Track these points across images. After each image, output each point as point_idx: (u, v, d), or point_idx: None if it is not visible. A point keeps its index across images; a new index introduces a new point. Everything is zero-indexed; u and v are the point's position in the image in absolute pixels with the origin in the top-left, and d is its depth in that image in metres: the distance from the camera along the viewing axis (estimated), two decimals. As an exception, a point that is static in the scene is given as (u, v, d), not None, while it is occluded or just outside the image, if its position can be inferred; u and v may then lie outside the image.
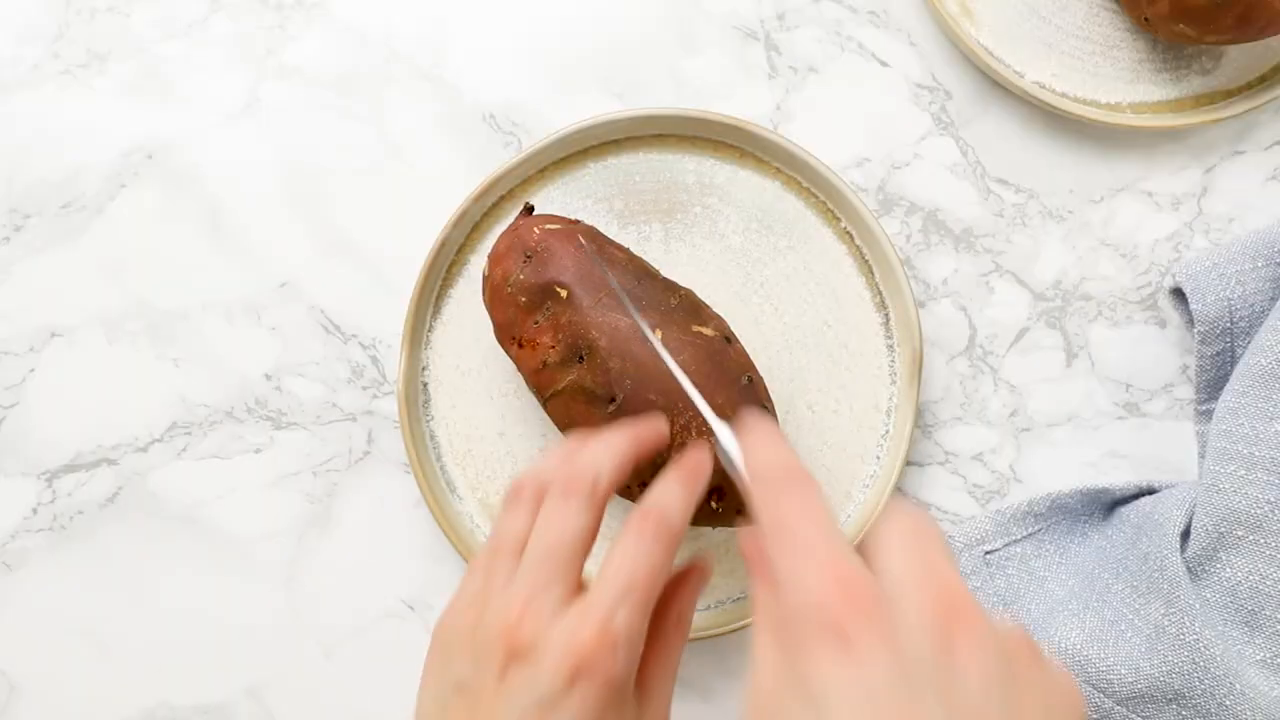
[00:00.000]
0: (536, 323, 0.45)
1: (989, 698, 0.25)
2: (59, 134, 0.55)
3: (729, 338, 0.46)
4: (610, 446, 0.39)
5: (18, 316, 0.55)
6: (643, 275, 0.46)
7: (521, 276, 0.46)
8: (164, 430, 0.54)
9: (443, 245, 0.52)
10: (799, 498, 0.29)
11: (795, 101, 0.55)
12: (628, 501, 0.53)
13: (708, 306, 0.47)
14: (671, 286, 0.47)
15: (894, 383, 0.53)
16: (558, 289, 0.45)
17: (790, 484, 0.30)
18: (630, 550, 0.36)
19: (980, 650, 0.25)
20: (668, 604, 0.40)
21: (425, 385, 0.53)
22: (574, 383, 0.45)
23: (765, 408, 0.45)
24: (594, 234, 0.47)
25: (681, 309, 0.46)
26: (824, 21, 0.55)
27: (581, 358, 0.44)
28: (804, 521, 0.28)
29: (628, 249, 0.48)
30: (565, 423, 0.46)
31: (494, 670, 0.35)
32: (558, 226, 0.47)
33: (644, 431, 0.40)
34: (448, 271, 0.53)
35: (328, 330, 0.55)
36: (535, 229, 0.47)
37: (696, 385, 0.43)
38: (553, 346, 0.45)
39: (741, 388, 0.45)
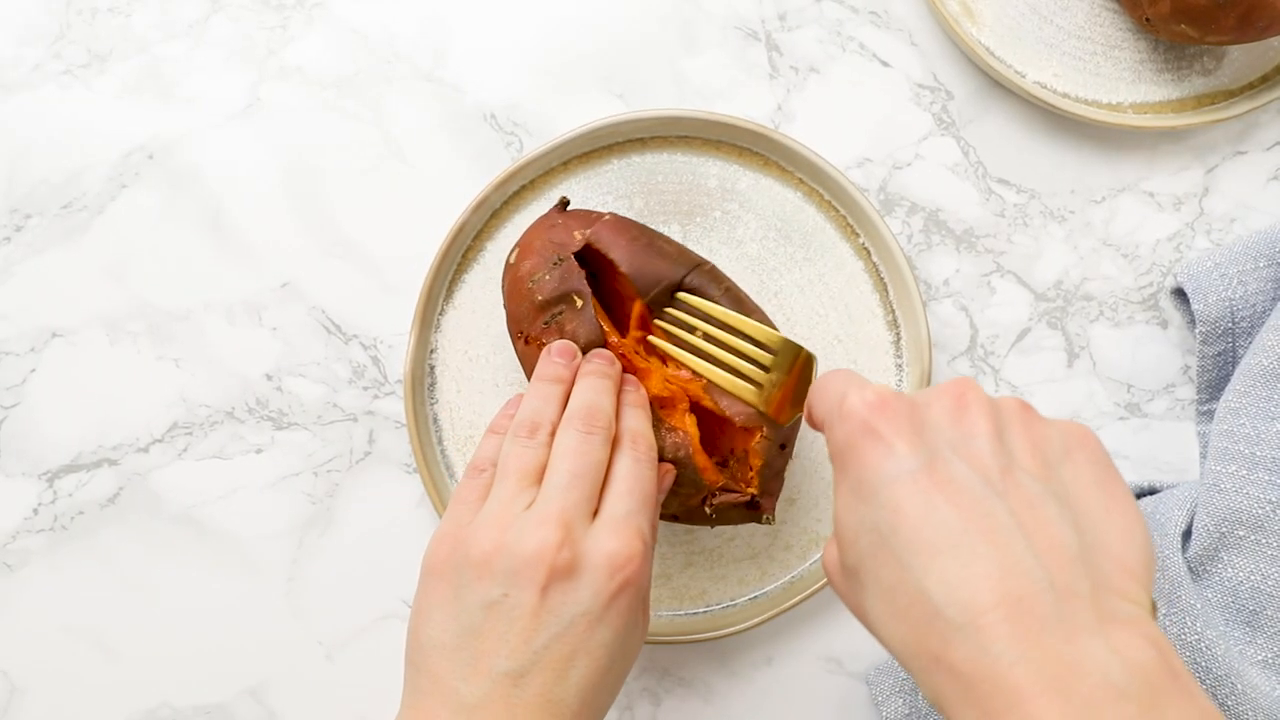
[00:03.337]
0: (546, 323, 0.45)
1: (995, 446, 0.30)
2: (60, 134, 0.55)
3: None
4: (606, 393, 0.42)
5: (18, 316, 0.55)
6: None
7: (546, 277, 0.45)
8: (165, 430, 0.54)
9: (460, 229, 0.52)
10: (840, 377, 0.34)
11: (796, 102, 0.55)
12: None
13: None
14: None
15: (900, 403, 0.53)
16: (575, 297, 0.45)
17: (835, 375, 0.35)
18: (634, 469, 0.40)
19: (984, 416, 0.31)
20: None
21: (432, 368, 0.53)
22: None
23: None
24: (643, 231, 0.47)
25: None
26: (825, 22, 0.55)
27: None
28: (839, 379, 0.34)
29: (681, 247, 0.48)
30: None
31: (534, 589, 0.36)
32: (591, 232, 0.46)
33: (617, 376, 0.44)
34: (463, 257, 0.53)
35: (328, 330, 0.55)
36: (576, 234, 0.46)
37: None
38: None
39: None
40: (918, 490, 0.29)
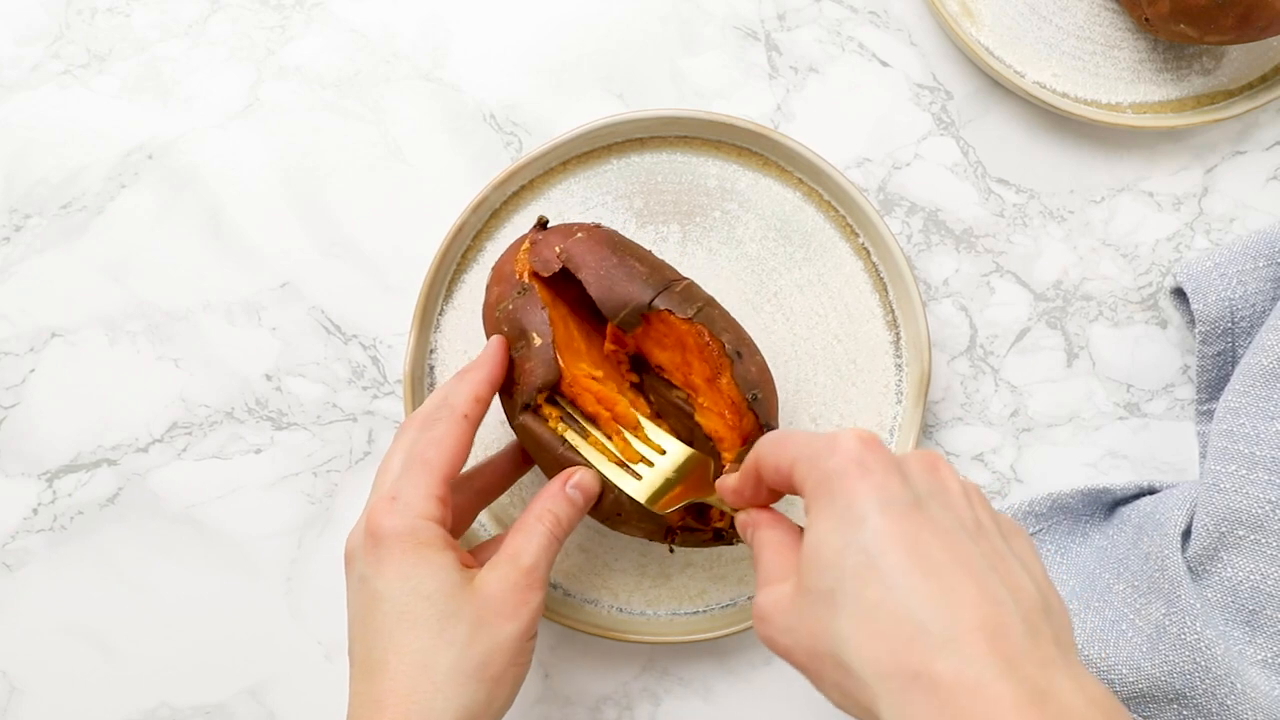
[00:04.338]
0: (515, 353, 0.45)
1: (966, 503, 0.34)
2: (59, 134, 0.55)
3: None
4: (462, 384, 0.44)
5: (18, 316, 0.55)
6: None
7: (510, 307, 0.45)
8: (164, 430, 0.54)
9: (460, 229, 0.52)
10: (804, 433, 0.37)
11: (796, 101, 0.55)
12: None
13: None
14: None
15: (899, 402, 0.53)
16: (533, 335, 0.44)
17: (795, 432, 0.38)
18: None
19: (954, 479, 0.35)
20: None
21: (432, 368, 0.53)
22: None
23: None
24: (614, 241, 0.47)
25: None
26: (824, 21, 0.55)
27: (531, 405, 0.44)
28: (803, 434, 0.37)
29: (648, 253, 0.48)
30: (528, 444, 0.45)
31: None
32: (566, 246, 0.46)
33: (492, 372, 0.45)
34: (462, 257, 0.53)
35: (328, 330, 0.55)
36: (556, 247, 0.46)
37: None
38: (516, 383, 0.45)
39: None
40: (908, 520, 0.32)
